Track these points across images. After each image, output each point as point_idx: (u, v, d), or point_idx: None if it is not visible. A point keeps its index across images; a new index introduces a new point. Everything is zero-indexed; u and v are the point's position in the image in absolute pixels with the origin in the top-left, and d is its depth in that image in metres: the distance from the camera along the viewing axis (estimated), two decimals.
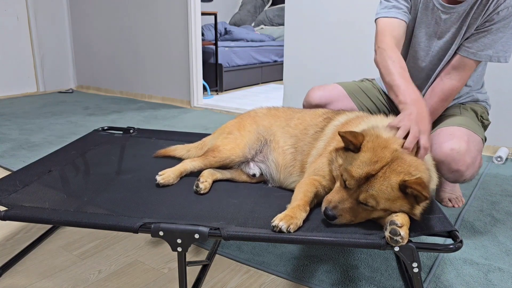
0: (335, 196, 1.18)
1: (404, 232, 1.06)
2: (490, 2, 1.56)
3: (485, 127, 1.83)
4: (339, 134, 1.20)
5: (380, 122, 1.36)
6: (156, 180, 1.47)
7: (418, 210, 1.16)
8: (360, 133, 1.20)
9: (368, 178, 1.13)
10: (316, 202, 1.31)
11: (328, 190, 1.30)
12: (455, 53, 1.69)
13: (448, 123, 1.72)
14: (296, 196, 1.25)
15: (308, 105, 1.98)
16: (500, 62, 1.63)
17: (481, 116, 1.81)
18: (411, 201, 1.13)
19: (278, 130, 1.59)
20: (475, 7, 1.59)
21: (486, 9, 1.58)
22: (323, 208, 1.19)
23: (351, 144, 1.19)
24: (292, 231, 1.11)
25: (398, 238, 1.05)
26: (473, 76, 1.78)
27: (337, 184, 1.22)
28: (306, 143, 1.50)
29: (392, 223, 1.07)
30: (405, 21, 1.68)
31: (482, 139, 1.72)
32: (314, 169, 1.35)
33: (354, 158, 1.17)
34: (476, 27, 1.62)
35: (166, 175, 1.49)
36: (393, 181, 1.11)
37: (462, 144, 1.57)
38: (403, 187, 1.10)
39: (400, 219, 1.09)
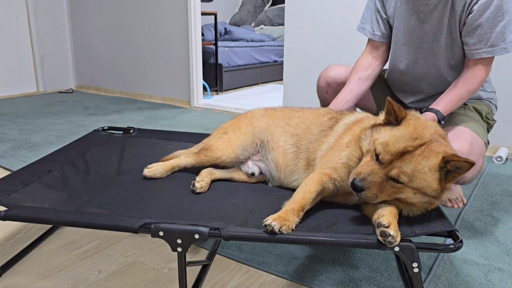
0: (365, 169, 1.16)
1: (393, 231, 1.06)
2: None
3: (490, 127, 1.83)
4: (388, 100, 1.19)
5: None
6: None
7: (444, 194, 1.18)
8: (404, 110, 1.21)
9: (403, 154, 1.12)
10: (320, 199, 1.31)
11: (338, 183, 1.29)
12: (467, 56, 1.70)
13: (453, 121, 1.71)
14: (295, 196, 1.23)
15: (324, 80, 2.03)
16: (510, 51, 1.60)
17: (486, 117, 1.81)
18: (443, 184, 1.14)
19: (277, 129, 1.59)
20: None
21: None
22: (350, 179, 1.17)
23: (394, 114, 1.19)
24: (284, 233, 1.10)
25: (389, 239, 1.05)
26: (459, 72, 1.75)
27: (367, 158, 1.20)
28: (311, 141, 1.49)
29: (379, 225, 1.08)
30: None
31: (485, 143, 1.72)
32: (326, 161, 1.34)
33: (393, 131, 1.17)
34: (465, 24, 1.62)
35: (154, 169, 1.54)
36: (432, 162, 1.12)
37: (465, 146, 1.56)
38: (445, 163, 1.11)
39: (386, 219, 1.09)
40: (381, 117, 1.31)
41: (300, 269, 1.48)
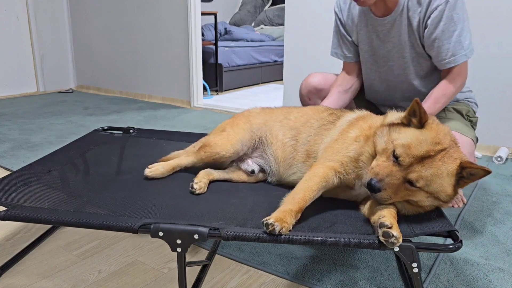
0: (383, 170, 1.14)
1: (396, 232, 1.05)
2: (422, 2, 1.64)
3: (474, 124, 1.87)
4: (416, 101, 1.17)
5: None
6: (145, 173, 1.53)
7: (453, 198, 1.19)
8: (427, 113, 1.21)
9: (424, 158, 1.12)
10: (320, 194, 1.28)
11: (343, 177, 1.28)
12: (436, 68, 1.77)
13: None
14: (296, 194, 1.21)
15: (305, 88, 2.11)
16: (470, 56, 1.69)
17: (467, 115, 1.85)
18: (456, 189, 1.16)
19: (275, 124, 1.59)
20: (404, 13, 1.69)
21: (419, 11, 1.66)
22: (367, 179, 1.16)
23: (420, 116, 1.18)
24: (282, 234, 1.10)
25: (392, 239, 1.04)
26: (433, 79, 1.82)
27: (381, 158, 1.18)
28: (311, 134, 1.49)
29: (382, 225, 1.07)
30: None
31: (473, 139, 1.75)
32: (332, 153, 1.32)
33: (416, 134, 1.16)
34: (424, 37, 1.69)
35: (155, 168, 1.55)
36: (452, 167, 1.13)
37: None
38: (462, 169, 1.14)
39: (388, 219, 1.09)
40: (391, 116, 1.30)
41: (300, 269, 1.48)
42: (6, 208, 1.25)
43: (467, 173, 1.14)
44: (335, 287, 1.38)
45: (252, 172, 1.57)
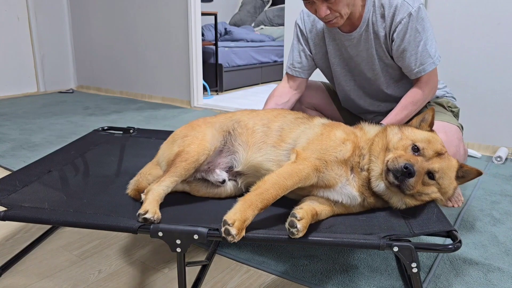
0: (412, 158, 1.22)
1: (300, 225, 1.10)
2: (386, 15, 1.68)
3: (456, 115, 1.92)
4: (432, 109, 1.35)
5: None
6: (151, 220, 1.17)
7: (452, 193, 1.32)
8: None
9: (438, 154, 1.26)
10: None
11: (322, 176, 1.25)
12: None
13: None
14: (270, 189, 1.15)
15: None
16: (438, 63, 1.74)
17: (449, 106, 1.90)
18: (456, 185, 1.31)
19: (243, 117, 1.51)
20: (370, 28, 1.73)
21: (384, 25, 1.70)
22: (400, 164, 1.19)
23: (430, 122, 1.35)
24: (238, 239, 1.08)
25: (294, 230, 1.09)
26: (404, 85, 1.86)
27: (398, 151, 1.25)
28: (286, 122, 1.46)
29: (293, 215, 1.12)
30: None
31: (459, 127, 1.79)
32: (320, 149, 1.28)
33: (429, 134, 1.31)
34: (392, 50, 1.73)
35: (153, 211, 1.20)
36: (455, 163, 1.29)
37: (441, 136, 1.60)
38: (460, 167, 1.31)
39: (301, 213, 1.13)
40: (368, 127, 1.40)
41: (300, 269, 1.48)
42: (6, 208, 1.25)
43: (462, 172, 1.31)
44: (335, 287, 1.38)
45: (223, 182, 1.42)
